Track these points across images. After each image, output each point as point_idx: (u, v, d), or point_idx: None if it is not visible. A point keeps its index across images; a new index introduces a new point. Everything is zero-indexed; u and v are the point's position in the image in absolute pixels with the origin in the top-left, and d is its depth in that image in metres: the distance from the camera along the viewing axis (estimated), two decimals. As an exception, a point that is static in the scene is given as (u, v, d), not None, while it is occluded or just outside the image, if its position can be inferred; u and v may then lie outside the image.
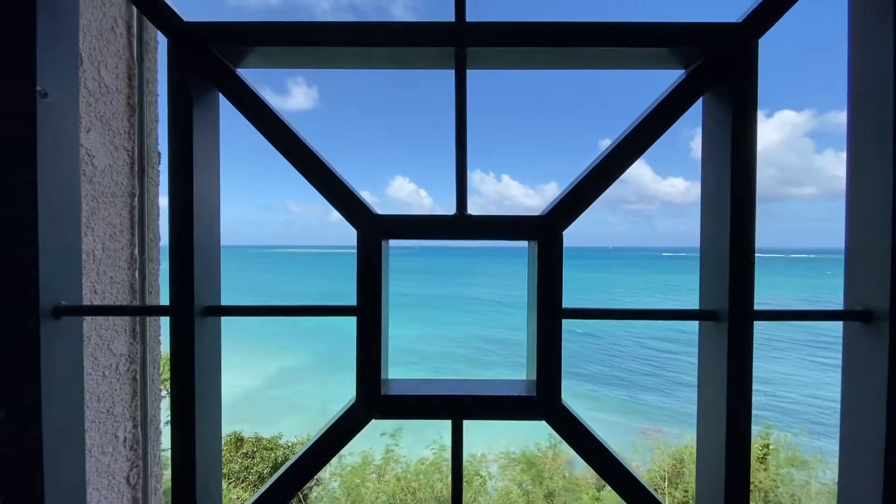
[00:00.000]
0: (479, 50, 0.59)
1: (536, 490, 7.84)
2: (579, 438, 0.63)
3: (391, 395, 0.60)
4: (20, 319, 0.59)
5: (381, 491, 7.58)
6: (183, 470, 0.61)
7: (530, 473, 8.23)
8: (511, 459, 8.91)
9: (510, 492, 8.15)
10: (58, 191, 0.62)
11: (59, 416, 0.63)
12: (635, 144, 0.60)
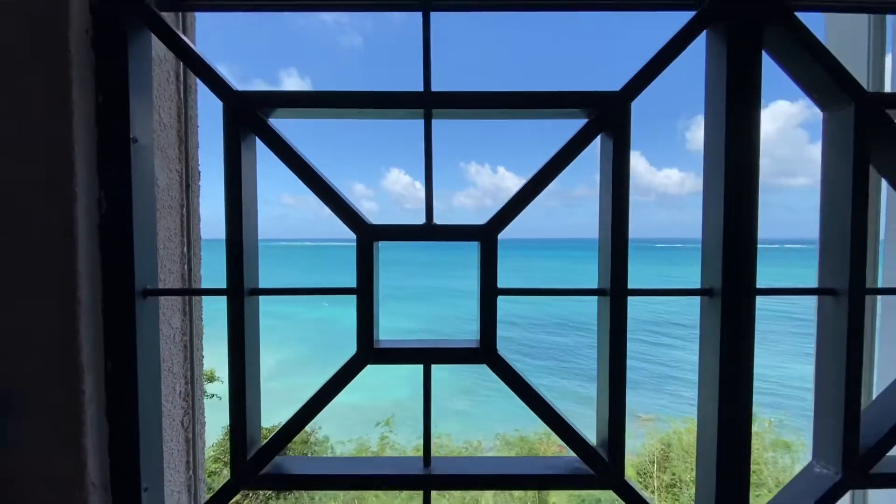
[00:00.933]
0: (441, 110, 0.86)
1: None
2: (514, 382, 0.90)
3: (380, 348, 0.86)
4: (123, 300, 0.85)
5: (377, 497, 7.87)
6: (238, 412, 0.87)
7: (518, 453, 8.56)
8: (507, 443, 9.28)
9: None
10: (142, 206, 0.88)
11: (145, 372, 0.89)
12: (548, 173, 0.87)
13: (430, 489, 0.88)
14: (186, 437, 1.14)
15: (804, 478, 0.92)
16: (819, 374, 0.91)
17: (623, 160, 0.85)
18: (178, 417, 1.11)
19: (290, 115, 0.91)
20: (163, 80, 1.05)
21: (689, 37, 0.87)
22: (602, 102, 0.84)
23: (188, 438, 1.14)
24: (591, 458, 0.88)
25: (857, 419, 0.86)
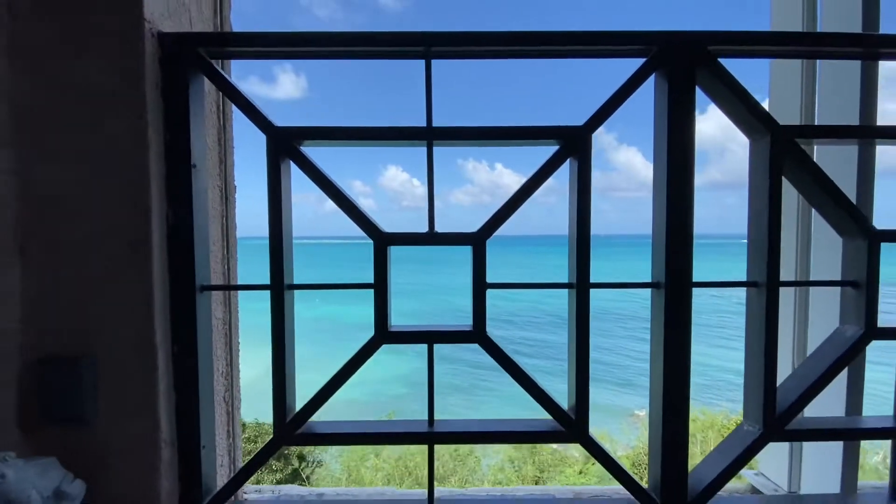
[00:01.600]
0: (441, 141, 1.07)
1: (528, 466, 8.36)
2: (501, 359, 1.11)
3: (392, 331, 1.08)
4: (186, 294, 1.07)
5: (378, 468, 8.07)
6: (279, 385, 1.09)
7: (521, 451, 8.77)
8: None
9: (502, 468, 8.73)
10: (198, 218, 1.09)
11: (202, 354, 1.10)
12: (528, 189, 1.08)
13: (434, 443, 1.09)
14: (227, 409, 1.35)
15: (735, 435, 1.14)
16: (747, 352, 1.13)
17: (586, 178, 1.06)
18: (220, 394, 1.32)
19: (317, 145, 1.12)
20: (207, 110, 1.26)
21: (640, 79, 1.08)
22: (569, 134, 1.06)
23: (228, 411, 1.35)
24: (562, 419, 1.10)
25: (773, 387, 1.08)
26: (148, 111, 1.01)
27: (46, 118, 1.00)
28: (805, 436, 1.17)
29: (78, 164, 1.01)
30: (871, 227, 1.08)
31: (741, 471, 1.22)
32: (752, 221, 1.11)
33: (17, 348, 1.01)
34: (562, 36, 1.08)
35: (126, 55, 0.99)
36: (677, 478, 1.09)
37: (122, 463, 1.03)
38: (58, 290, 1.02)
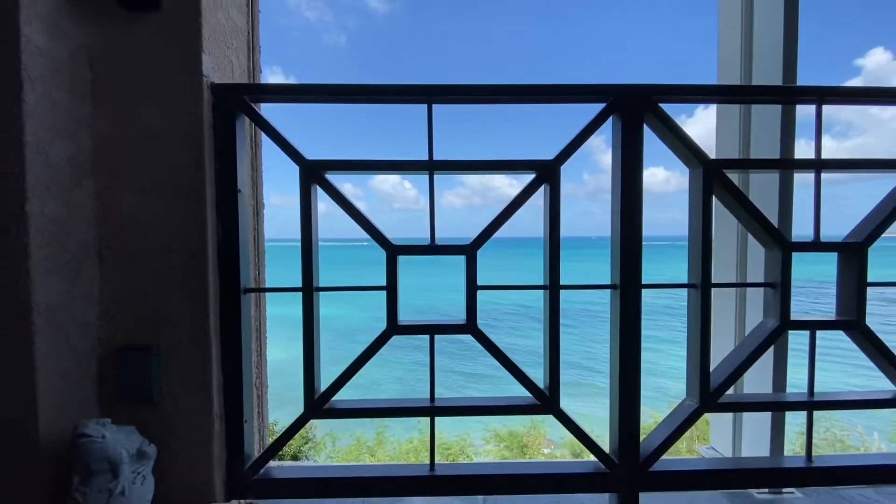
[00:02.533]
0: (441, 168, 1.33)
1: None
2: (490, 347, 1.37)
3: (401, 325, 1.33)
4: (232, 295, 1.31)
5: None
6: (308, 369, 1.33)
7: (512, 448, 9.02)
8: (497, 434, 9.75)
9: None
10: (243, 231, 1.33)
11: (245, 347, 1.34)
12: (509, 211, 1.34)
13: (434, 416, 1.35)
14: (257, 393, 1.59)
15: (679, 409, 1.41)
16: (688, 340, 1.39)
17: (556, 200, 1.33)
18: (250, 379, 1.56)
19: (340, 173, 1.37)
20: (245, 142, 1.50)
21: (601, 121, 1.35)
22: (543, 166, 1.32)
23: (258, 395, 1.59)
24: (539, 395, 1.35)
25: (708, 369, 1.35)
26: (205, 147, 1.25)
27: (122, 153, 1.24)
28: (733, 408, 1.44)
29: (148, 190, 1.24)
30: (784, 239, 1.36)
31: (696, 445, 1.49)
32: (691, 235, 1.37)
33: (98, 340, 1.25)
34: (541, 88, 1.34)
35: (188, 103, 1.24)
36: (631, 443, 1.36)
37: (182, 433, 1.27)
38: (131, 292, 1.25)
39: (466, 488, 1.39)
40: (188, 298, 1.26)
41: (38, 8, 1.09)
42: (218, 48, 1.32)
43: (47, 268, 1.11)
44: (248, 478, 1.33)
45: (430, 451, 1.40)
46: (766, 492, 1.52)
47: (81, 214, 1.20)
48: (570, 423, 1.37)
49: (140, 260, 1.25)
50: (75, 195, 1.19)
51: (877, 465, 1.45)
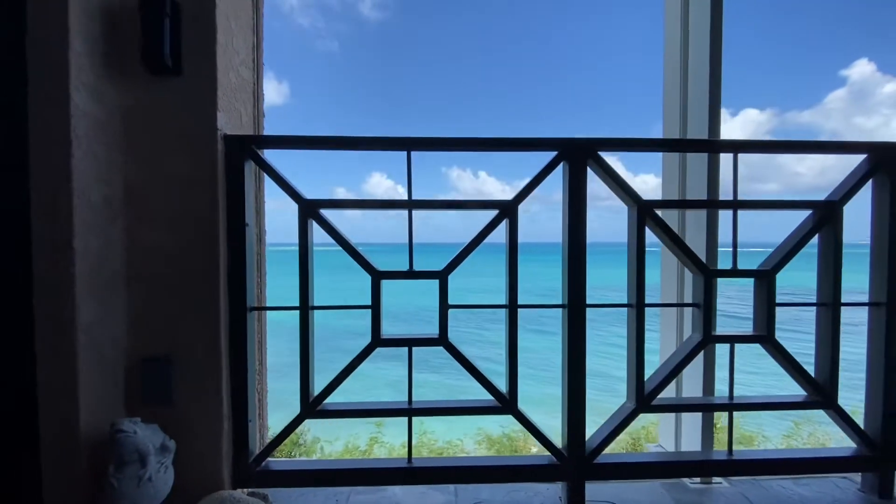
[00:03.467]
0: (419, 206, 1.57)
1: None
2: (459, 358, 1.61)
3: (383, 338, 1.57)
4: (240, 312, 1.54)
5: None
6: (305, 374, 1.56)
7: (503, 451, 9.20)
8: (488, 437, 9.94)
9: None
10: (249, 258, 1.57)
11: (249, 357, 1.57)
12: (477, 241, 1.58)
13: (412, 416, 1.58)
14: (258, 397, 1.82)
15: (619, 410, 1.66)
16: (627, 352, 1.64)
17: (514, 238, 1.58)
18: (253, 385, 1.79)
19: (335, 208, 1.61)
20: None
21: (553, 166, 1.60)
22: (504, 205, 1.57)
23: (259, 399, 1.82)
24: (500, 398, 1.60)
25: (643, 376, 1.60)
26: (218, 189, 1.49)
27: (148, 194, 1.47)
28: (664, 409, 1.69)
29: (170, 225, 1.48)
30: (706, 267, 1.62)
31: (646, 444, 1.73)
32: (629, 263, 1.63)
33: (125, 351, 1.47)
34: (505, 140, 1.60)
35: (204, 153, 1.47)
36: (578, 439, 1.60)
37: (196, 430, 1.50)
38: (153, 311, 1.48)
39: (439, 478, 1.62)
40: (202, 316, 1.49)
41: (84, 77, 1.32)
42: (229, 103, 1.57)
43: (87, 293, 1.34)
44: (251, 469, 1.56)
45: (408, 447, 1.64)
46: (698, 481, 1.77)
47: (114, 246, 1.43)
48: (526, 421, 1.61)
49: (161, 284, 1.48)
50: (109, 231, 1.42)
51: (787, 458, 1.71)
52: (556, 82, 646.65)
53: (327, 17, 37.69)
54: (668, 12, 1.98)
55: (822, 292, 1.67)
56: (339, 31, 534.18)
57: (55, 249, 1.28)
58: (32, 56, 1.27)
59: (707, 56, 1.73)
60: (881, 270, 1.66)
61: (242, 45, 1.68)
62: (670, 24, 1.95)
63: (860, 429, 1.68)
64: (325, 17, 38.07)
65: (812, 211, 1.65)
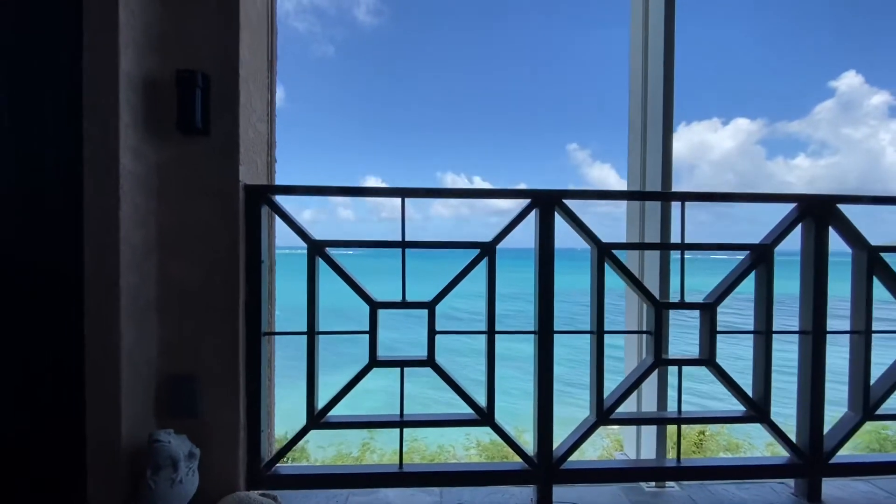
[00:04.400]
0: (411, 245, 1.83)
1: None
2: (445, 378, 1.86)
3: (379, 359, 1.82)
4: (255, 338, 1.78)
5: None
6: (311, 390, 1.81)
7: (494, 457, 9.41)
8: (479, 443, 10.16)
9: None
10: (264, 290, 1.81)
11: (263, 379, 1.81)
12: (459, 278, 1.84)
13: (403, 427, 1.83)
14: (268, 410, 2.06)
15: (582, 423, 1.92)
16: (590, 373, 1.90)
17: (492, 275, 1.83)
18: (265, 400, 2.02)
19: (340, 247, 1.86)
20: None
21: (526, 213, 1.86)
22: (483, 245, 1.83)
23: (269, 411, 2.06)
24: (480, 412, 1.85)
25: (602, 392, 1.86)
26: (238, 231, 1.74)
27: (178, 235, 1.72)
28: (621, 422, 1.95)
29: (196, 262, 1.72)
30: (656, 299, 1.89)
31: (614, 451, 1.99)
32: (591, 297, 1.89)
33: (157, 370, 1.71)
34: (485, 191, 1.87)
35: (227, 200, 1.72)
36: (547, 449, 1.85)
37: (216, 439, 1.73)
38: (181, 336, 1.73)
39: (426, 482, 1.87)
40: (223, 340, 1.73)
41: (129, 142, 1.57)
42: (248, 156, 1.82)
43: (127, 321, 1.58)
44: (263, 474, 1.80)
45: (399, 454, 1.88)
46: (653, 485, 2.03)
47: (148, 280, 1.68)
48: (502, 432, 1.87)
49: (188, 312, 1.72)
50: (145, 267, 1.66)
51: (729, 465, 1.97)
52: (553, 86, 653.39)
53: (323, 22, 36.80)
54: (632, 62, 2.25)
55: (758, 321, 1.94)
56: (335, 36, 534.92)
57: (104, 287, 1.53)
58: (88, 125, 1.52)
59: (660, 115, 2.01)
60: (808, 303, 1.94)
61: (259, 102, 1.93)
62: (634, 67, 2.22)
63: (791, 441, 1.95)
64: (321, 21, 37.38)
65: (749, 252, 1.92)
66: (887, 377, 2.00)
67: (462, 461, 4.34)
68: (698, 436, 9.28)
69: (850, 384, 2.00)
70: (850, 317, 1.99)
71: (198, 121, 1.65)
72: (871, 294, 1.95)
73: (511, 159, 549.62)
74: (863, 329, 1.95)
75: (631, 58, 2.26)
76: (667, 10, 2.06)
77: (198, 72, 1.65)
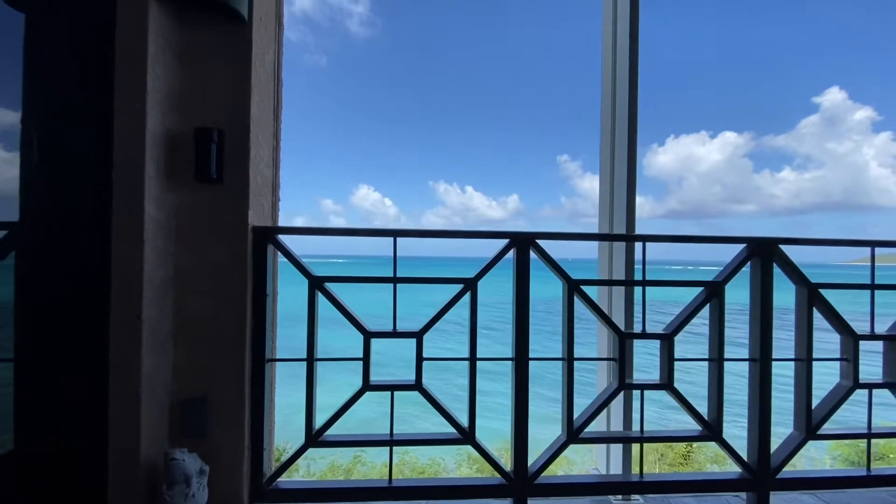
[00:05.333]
0: (402, 280, 2.05)
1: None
2: (431, 401, 2.06)
3: (371, 384, 2.02)
4: (259, 365, 1.97)
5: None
6: (309, 411, 2.00)
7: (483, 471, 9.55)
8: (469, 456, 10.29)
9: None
10: (268, 321, 2.02)
11: (266, 402, 2.01)
12: (446, 309, 2.06)
13: (392, 446, 2.03)
14: (269, 429, 2.25)
15: (554, 441, 2.12)
16: (561, 396, 2.12)
17: (474, 307, 2.05)
18: (268, 421, 2.21)
19: (338, 282, 2.07)
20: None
21: (505, 252, 2.09)
22: (467, 280, 2.05)
23: (270, 430, 2.24)
24: (462, 431, 2.05)
25: (572, 414, 2.07)
26: (247, 268, 1.94)
27: (193, 273, 1.92)
28: (589, 441, 2.16)
29: (208, 297, 1.92)
30: (619, 329, 2.11)
31: (589, 467, 2.19)
32: (562, 325, 2.12)
33: (171, 394, 1.90)
34: (469, 232, 2.09)
35: (237, 241, 1.93)
36: (523, 464, 2.06)
37: (223, 457, 1.92)
38: (193, 363, 1.92)
39: (413, 496, 2.06)
40: (231, 367, 1.93)
41: (153, 192, 1.78)
42: (256, 200, 2.03)
43: (147, 351, 1.77)
44: (265, 488, 1.98)
45: (389, 470, 2.07)
46: (620, 498, 2.23)
47: (166, 314, 1.87)
48: (482, 450, 2.07)
49: (200, 342, 1.92)
50: (163, 303, 1.86)
51: (687, 479, 2.19)
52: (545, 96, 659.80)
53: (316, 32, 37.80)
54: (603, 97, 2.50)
55: (711, 350, 2.17)
56: (328, 46, 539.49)
57: (128, 322, 1.72)
58: (117, 178, 1.73)
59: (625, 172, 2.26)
60: (756, 333, 2.17)
61: (265, 149, 2.15)
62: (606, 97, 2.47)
63: (741, 457, 2.17)
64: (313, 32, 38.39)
65: (702, 288, 2.16)
66: (828, 400, 2.24)
67: (449, 475, 4.49)
68: (687, 448, 9.50)
69: (794, 406, 2.23)
70: (795, 346, 2.23)
71: (213, 172, 1.87)
72: (811, 325, 2.19)
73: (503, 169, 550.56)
74: (804, 357, 2.18)
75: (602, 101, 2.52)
76: (631, 41, 2.32)
77: (213, 129, 1.87)
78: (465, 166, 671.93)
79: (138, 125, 1.72)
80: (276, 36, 2.22)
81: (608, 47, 2.48)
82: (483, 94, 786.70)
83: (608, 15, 2.48)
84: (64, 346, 1.75)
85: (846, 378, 2.23)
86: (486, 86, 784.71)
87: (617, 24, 2.44)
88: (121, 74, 1.71)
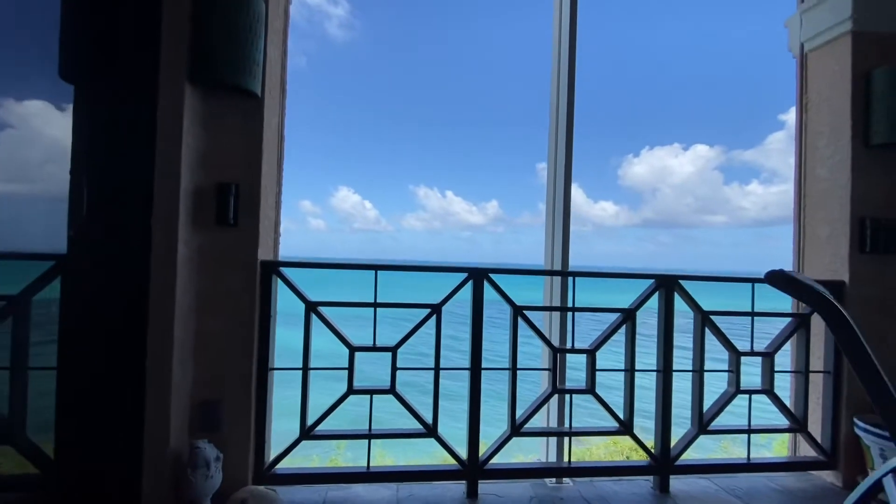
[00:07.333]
0: (383, 305, 2.55)
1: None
2: (405, 404, 2.56)
3: (354, 388, 2.51)
4: (264, 372, 2.44)
5: None
6: (304, 409, 2.48)
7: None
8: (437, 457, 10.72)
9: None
10: (271, 337, 2.49)
11: (268, 402, 2.47)
12: (419, 325, 2.57)
13: (371, 439, 2.52)
14: (269, 425, 2.71)
15: (501, 435, 2.65)
16: (508, 398, 2.65)
17: (439, 328, 2.57)
18: (269, 418, 2.67)
19: (328, 306, 2.55)
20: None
21: (464, 283, 2.62)
22: (433, 306, 2.57)
23: (269, 426, 2.70)
24: (426, 426, 2.56)
25: (515, 412, 2.61)
26: (256, 296, 2.41)
27: (211, 299, 2.38)
28: (528, 434, 2.70)
29: (223, 317, 2.38)
30: (552, 345, 2.67)
31: (537, 457, 2.73)
32: (510, 343, 2.65)
33: (191, 397, 2.35)
34: (434, 267, 2.61)
35: (248, 273, 2.40)
36: (475, 453, 2.58)
37: (233, 447, 2.37)
38: (210, 372, 2.37)
39: (387, 478, 2.56)
40: (241, 375, 2.39)
41: (183, 236, 2.24)
42: (263, 239, 2.50)
43: (176, 362, 2.22)
44: (265, 473, 2.45)
45: (367, 458, 2.56)
46: (554, 481, 2.78)
47: (189, 332, 2.33)
48: (443, 442, 2.58)
49: (216, 354, 2.38)
50: (188, 323, 2.31)
51: (606, 465, 2.75)
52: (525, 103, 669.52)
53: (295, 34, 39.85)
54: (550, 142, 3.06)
55: (626, 362, 2.74)
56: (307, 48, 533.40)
57: (162, 338, 2.17)
58: (156, 224, 2.18)
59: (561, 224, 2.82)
60: (661, 349, 2.76)
61: (271, 195, 2.63)
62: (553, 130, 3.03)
63: (648, 448, 2.75)
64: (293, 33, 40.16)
65: (619, 314, 2.73)
66: (717, 403, 2.84)
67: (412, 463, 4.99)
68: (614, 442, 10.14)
69: (691, 407, 2.82)
70: (692, 360, 2.83)
71: (231, 218, 2.34)
72: (703, 344, 2.79)
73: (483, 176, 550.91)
74: (698, 369, 2.78)
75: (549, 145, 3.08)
76: (570, 60, 2.89)
77: (231, 184, 2.34)
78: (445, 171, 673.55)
79: (174, 183, 2.19)
80: (280, 102, 2.71)
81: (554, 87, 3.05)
82: (464, 99, 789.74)
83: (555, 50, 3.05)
84: (113, 357, 2.18)
85: (731, 385, 2.84)
86: (467, 91, 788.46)
87: (560, 56, 3.01)
88: (162, 143, 2.17)
